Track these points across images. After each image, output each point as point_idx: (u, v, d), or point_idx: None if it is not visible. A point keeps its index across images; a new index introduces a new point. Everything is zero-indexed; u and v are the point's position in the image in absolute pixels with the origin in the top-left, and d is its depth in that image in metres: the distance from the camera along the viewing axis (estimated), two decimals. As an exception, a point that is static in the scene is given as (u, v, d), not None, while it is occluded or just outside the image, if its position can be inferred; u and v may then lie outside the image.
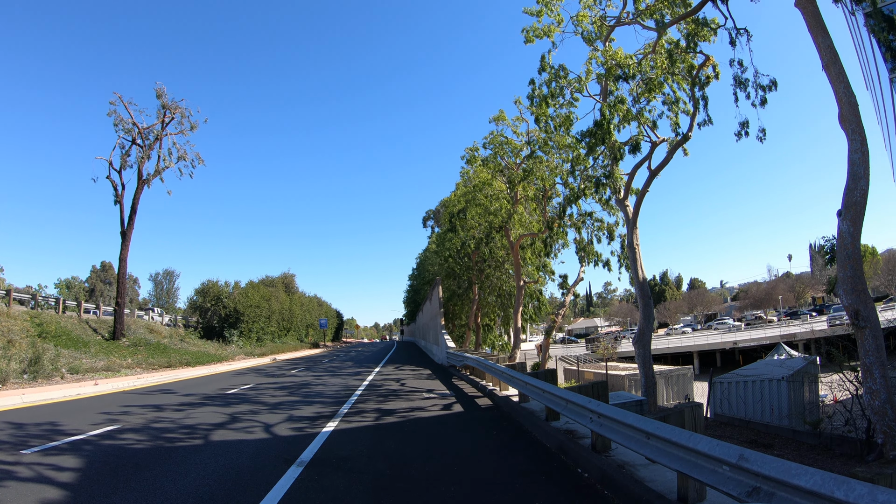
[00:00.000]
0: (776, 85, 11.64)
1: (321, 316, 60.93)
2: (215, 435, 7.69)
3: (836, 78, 8.68)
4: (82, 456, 6.38)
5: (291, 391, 13.96)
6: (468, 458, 6.27)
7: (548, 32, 14.90)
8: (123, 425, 8.61)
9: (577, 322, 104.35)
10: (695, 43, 11.83)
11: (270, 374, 20.26)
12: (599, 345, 51.06)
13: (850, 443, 11.36)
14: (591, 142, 12.77)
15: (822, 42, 8.96)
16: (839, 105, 8.63)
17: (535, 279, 28.44)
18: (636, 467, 5.30)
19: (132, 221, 26.69)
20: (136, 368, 21.02)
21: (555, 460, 6.08)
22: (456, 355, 19.99)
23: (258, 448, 6.85)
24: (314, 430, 7.88)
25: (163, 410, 10.36)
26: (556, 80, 14.98)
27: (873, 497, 2.31)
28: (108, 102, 26.30)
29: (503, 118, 23.81)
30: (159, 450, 6.76)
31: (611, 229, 19.06)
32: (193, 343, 33.02)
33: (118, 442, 7.34)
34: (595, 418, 5.26)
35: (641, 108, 13.76)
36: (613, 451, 5.94)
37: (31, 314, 23.65)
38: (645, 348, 12.93)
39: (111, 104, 26.20)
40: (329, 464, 5.90)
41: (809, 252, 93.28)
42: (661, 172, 14.32)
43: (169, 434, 7.83)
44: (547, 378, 8.24)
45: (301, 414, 9.70)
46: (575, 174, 15.66)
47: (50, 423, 8.78)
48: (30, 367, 16.06)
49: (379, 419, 9.12)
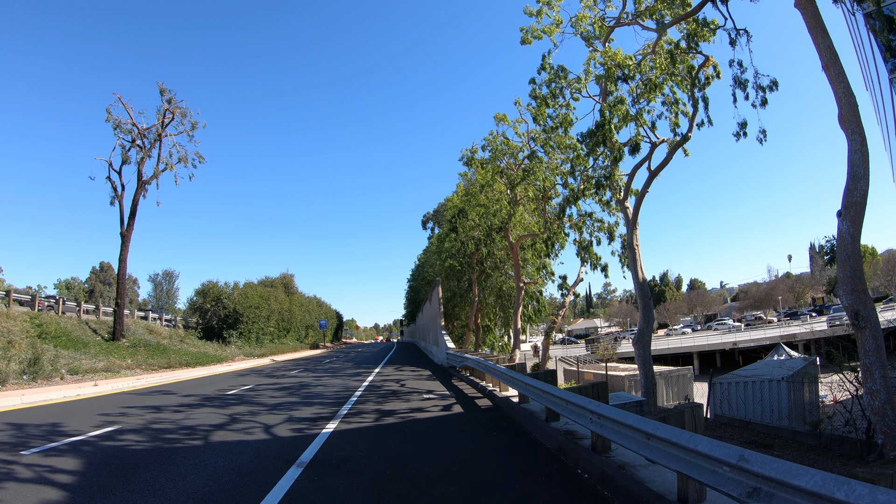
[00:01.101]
0: (777, 85, 11.65)
1: (321, 317, 60.88)
2: (215, 436, 7.68)
3: (835, 78, 8.68)
4: (82, 457, 6.37)
5: (291, 392, 13.95)
6: (468, 459, 6.27)
7: (548, 32, 14.91)
8: (123, 426, 8.60)
9: (576, 323, 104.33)
10: (695, 43, 11.85)
11: (270, 375, 20.25)
12: (599, 345, 50.99)
13: (850, 443, 11.34)
14: (591, 143, 12.78)
15: (821, 42, 8.97)
16: (839, 105, 8.63)
17: (534, 280, 28.44)
18: (636, 468, 5.30)
19: (132, 222, 26.69)
20: (136, 369, 21.00)
21: (555, 461, 6.07)
22: (456, 356, 19.98)
23: (258, 449, 6.84)
24: (314, 431, 7.87)
25: (162, 411, 10.35)
26: (555, 80, 14.99)
27: (874, 498, 2.31)
28: (105, 110, 26.26)
29: (504, 119, 23.82)
30: (159, 451, 6.75)
31: (611, 230, 19.07)
32: (193, 344, 33.01)
33: (118, 443, 7.33)
34: (595, 419, 5.26)
35: (641, 109, 13.78)
36: (613, 452, 5.93)
37: (30, 315, 23.63)
38: (645, 349, 12.93)
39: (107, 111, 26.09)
40: (329, 464, 5.90)
41: (809, 252, 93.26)
42: (661, 173, 14.33)
43: (169, 435, 7.83)
44: (547, 379, 8.24)
45: (301, 415, 9.69)
46: (575, 174, 15.67)
47: (50, 424, 8.78)
48: (29, 367, 16.04)
49: (379, 420, 9.12)
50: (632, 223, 13.90)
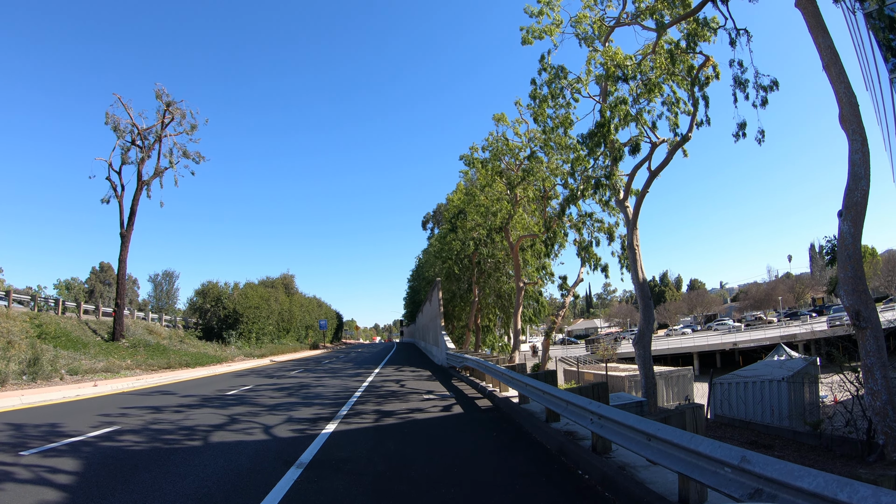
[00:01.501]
0: (777, 85, 11.63)
1: (321, 317, 60.82)
2: (214, 436, 7.66)
3: (836, 78, 8.68)
4: (81, 457, 6.35)
5: (290, 392, 13.93)
6: (468, 460, 6.25)
7: (549, 32, 14.90)
8: (122, 427, 8.58)
9: (576, 323, 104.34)
10: (695, 43, 11.83)
11: (269, 376, 20.22)
12: (599, 346, 50.99)
13: (851, 444, 11.31)
14: (591, 143, 12.76)
15: (822, 42, 8.96)
16: (840, 105, 8.63)
17: (534, 281, 28.42)
18: (637, 469, 5.29)
19: (132, 223, 26.67)
20: (136, 370, 20.98)
21: (555, 462, 6.06)
22: (456, 356, 19.97)
23: (257, 449, 6.82)
24: (314, 432, 7.86)
25: (162, 412, 10.32)
26: (556, 80, 14.97)
27: (877, 499, 2.29)
28: (105, 113, 26.23)
29: (504, 120, 23.81)
30: (158, 451, 6.73)
31: (611, 230, 19.05)
32: (193, 344, 32.98)
33: (117, 443, 7.31)
34: (596, 420, 5.24)
35: (641, 109, 13.76)
36: (614, 453, 5.92)
37: (30, 315, 23.61)
38: (645, 349, 12.90)
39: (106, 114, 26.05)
40: (329, 465, 5.88)
41: (809, 252, 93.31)
42: (661, 173, 14.31)
43: (168, 436, 7.81)
44: (547, 379, 8.22)
45: (300, 415, 9.67)
46: (575, 174, 15.64)
47: (49, 425, 8.75)
48: (29, 368, 16.02)
49: (378, 420, 9.10)
50: (632, 223, 13.88)
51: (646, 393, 12.42)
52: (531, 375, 9.27)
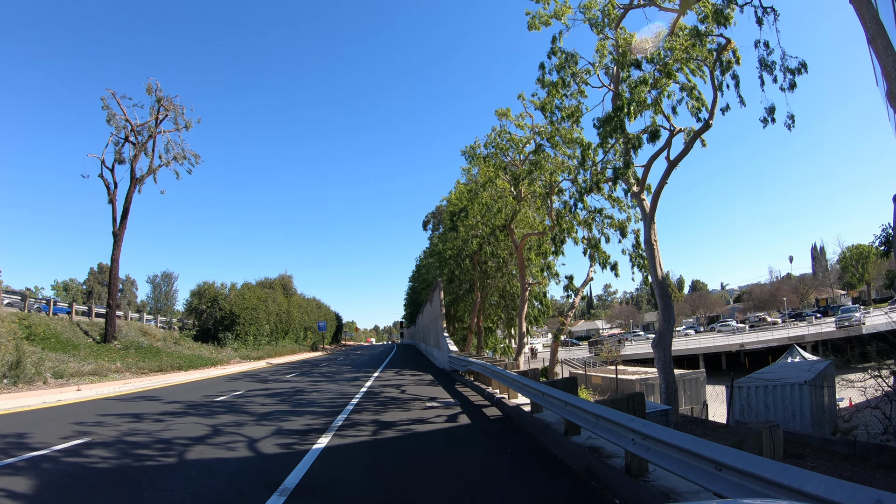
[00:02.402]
0: (806, 67, 10.79)
1: (320, 318, 59.82)
2: (192, 452, 6.79)
3: (883, 51, 7.84)
4: (37, 477, 5.55)
5: (283, 399, 13.06)
6: (479, 483, 5.38)
7: (558, 15, 14.02)
8: (94, 438, 7.75)
9: (577, 324, 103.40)
10: (724, 17, 10.89)
11: (264, 380, 19.34)
12: (603, 347, 50.00)
13: (889, 452, 10.47)
14: (607, 129, 11.86)
15: (866, 13, 8.14)
16: (888, 81, 7.78)
17: (539, 281, 27.51)
18: (684, 495, 4.42)
19: (125, 221, 25.82)
20: (126, 373, 20.13)
21: (583, 485, 5.18)
22: (459, 360, 19.07)
23: (238, 469, 5.96)
24: (303, 447, 6.97)
25: (141, 421, 9.48)
26: (566, 65, 14.08)
27: None
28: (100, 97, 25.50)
29: (508, 115, 22.89)
30: (126, 470, 5.89)
31: (622, 225, 18.09)
32: (188, 346, 32.10)
33: (82, 459, 6.48)
34: (640, 440, 4.34)
35: (659, 94, 12.86)
36: (651, 474, 5.05)
37: (19, 316, 22.81)
38: (665, 352, 11.98)
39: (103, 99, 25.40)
40: (316, 491, 5.00)
41: (811, 253, 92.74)
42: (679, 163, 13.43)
43: (141, 450, 6.95)
44: (566, 387, 7.31)
45: (291, 427, 8.79)
46: (585, 165, 14.68)
47: (16, 435, 7.99)
48: (10, 371, 15.18)
49: (377, 433, 8.22)
50: (649, 217, 13.00)
51: (667, 399, 11.50)
52: (549, 383, 8.37)
